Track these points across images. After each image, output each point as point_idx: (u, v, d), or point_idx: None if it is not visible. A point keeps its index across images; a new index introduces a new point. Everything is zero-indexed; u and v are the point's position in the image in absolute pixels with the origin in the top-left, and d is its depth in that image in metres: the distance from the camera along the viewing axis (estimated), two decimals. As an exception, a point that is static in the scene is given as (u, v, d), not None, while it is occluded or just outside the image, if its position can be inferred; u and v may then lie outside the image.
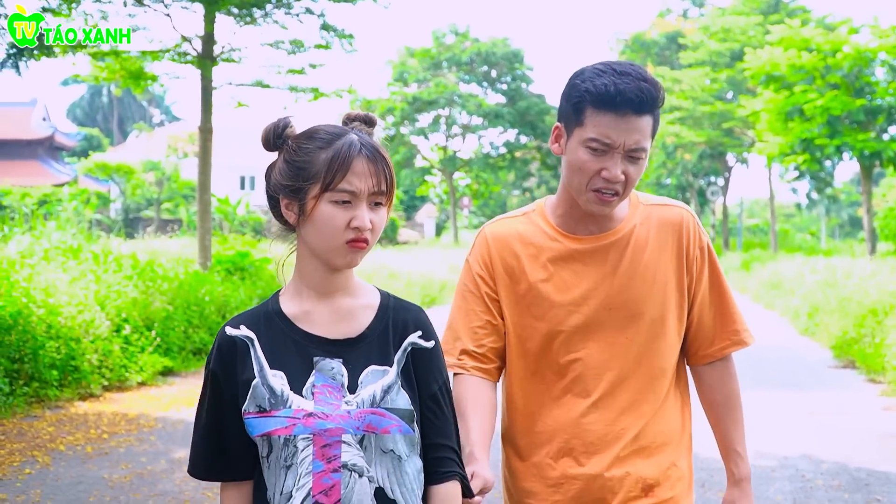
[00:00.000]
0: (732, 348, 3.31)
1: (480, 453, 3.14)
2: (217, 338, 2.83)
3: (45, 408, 11.76)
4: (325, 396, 2.69)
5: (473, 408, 3.22)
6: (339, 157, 2.68)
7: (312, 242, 2.74)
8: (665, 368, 3.23)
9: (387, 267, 29.99)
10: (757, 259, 39.65)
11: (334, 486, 2.65)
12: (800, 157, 30.57)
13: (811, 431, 10.99)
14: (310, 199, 2.70)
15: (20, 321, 12.13)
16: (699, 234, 3.27)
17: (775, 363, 16.45)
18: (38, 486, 8.44)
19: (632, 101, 2.97)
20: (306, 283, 2.81)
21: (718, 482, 8.50)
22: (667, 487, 3.23)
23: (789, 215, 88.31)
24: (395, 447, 2.72)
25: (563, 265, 3.24)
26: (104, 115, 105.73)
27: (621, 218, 3.23)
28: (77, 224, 25.00)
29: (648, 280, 3.20)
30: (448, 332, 3.36)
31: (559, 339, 3.22)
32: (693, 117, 50.49)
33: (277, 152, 2.81)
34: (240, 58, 21.20)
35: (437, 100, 59.49)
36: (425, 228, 76.49)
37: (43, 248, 17.15)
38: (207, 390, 2.82)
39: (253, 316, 2.83)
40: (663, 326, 3.21)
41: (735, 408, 3.34)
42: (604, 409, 3.20)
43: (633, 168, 3.06)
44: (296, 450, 2.66)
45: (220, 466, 2.82)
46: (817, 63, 27.07)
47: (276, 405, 2.68)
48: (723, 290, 3.33)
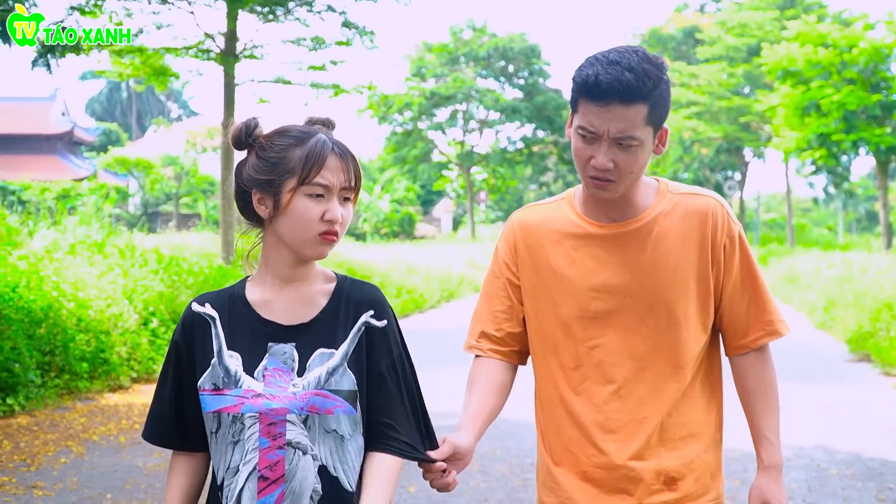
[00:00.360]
0: (767, 339, 3.27)
1: (466, 423, 3.24)
2: (184, 312, 2.99)
3: (76, 399, 12.04)
4: (274, 379, 2.83)
5: (478, 386, 3.34)
6: (314, 153, 2.82)
7: (286, 234, 2.86)
8: (687, 359, 3.19)
9: (405, 262, 30.15)
10: (774, 253, 39.67)
11: (279, 462, 2.80)
12: (816, 151, 30.69)
13: (826, 423, 11.23)
14: (285, 192, 2.82)
15: (51, 314, 12.42)
16: (728, 224, 3.21)
17: (791, 356, 16.63)
18: (75, 475, 8.70)
19: (608, 93, 2.96)
20: (272, 272, 2.93)
21: (751, 480, 8.74)
22: (691, 481, 3.22)
23: (806, 210, 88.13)
24: (337, 427, 2.85)
25: (585, 252, 3.25)
26: (122, 110, 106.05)
27: (646, 206, 3.22)
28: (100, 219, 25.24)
29: (670, 269, 3.18)
30: (473, 315, 3.45)
31: (580, 326, 3.23)
32: (710, 112, 50.53)
33: (247, 150, 2.94)
34: (262, 55, 21.44)
35: (454, 95, 59.61)
36: (442, 223, 76.56)
37: (69, 243, 17.43)
38: (171, 360, 2.96)
39: (219, 297, 2.99)
40: (685, 316, 3.18)
41: (767, 395, 3.30)
42: (625, 398, 3.20)
43: (623, 156, 3.04)
44: (243, 427, 2.81)
45: (176, 435, 2.97)
46: (833, 58, 27.17)
47: (228, 384, 2.83)
48: (756, 280, 3.28)
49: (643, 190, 3.22)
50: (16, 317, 11.82)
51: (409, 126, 61.20)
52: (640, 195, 3.21)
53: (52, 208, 32.93)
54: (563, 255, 3.27)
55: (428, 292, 27.35)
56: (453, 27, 62.42)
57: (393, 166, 64.06)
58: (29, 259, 14.13)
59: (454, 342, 16.82)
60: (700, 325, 3.22)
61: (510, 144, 63.79)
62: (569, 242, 3.27)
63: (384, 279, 25.52)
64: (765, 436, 3.29)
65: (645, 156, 3.07)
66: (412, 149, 61.35)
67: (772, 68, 29.76)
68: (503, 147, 63.57)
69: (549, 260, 3.29)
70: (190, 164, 59.46)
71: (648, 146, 3.07)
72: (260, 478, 2.80)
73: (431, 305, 26.92)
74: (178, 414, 2.95)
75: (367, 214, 60.00)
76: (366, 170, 73.51)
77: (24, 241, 17.32)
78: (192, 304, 2.97)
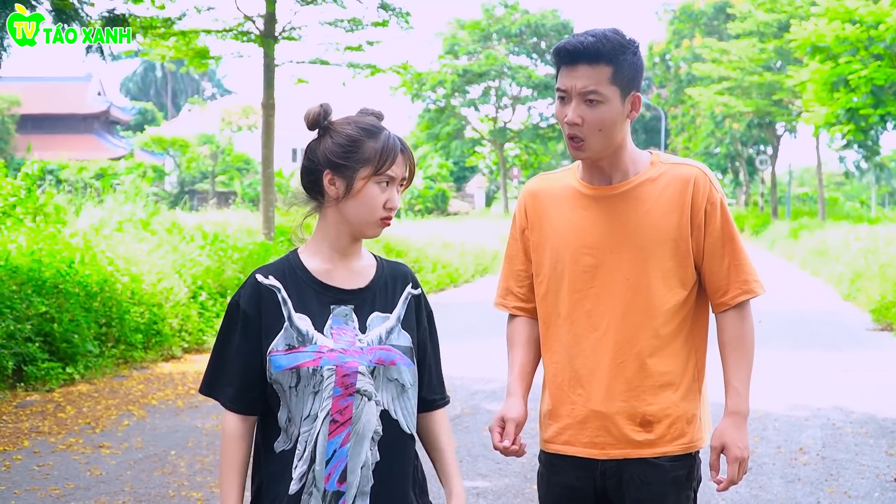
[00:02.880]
0: (743, 297, 3.55)
1: (514, 387, 3.69)
2: (249, 282, 3.24)
3: (131, 368, 12.64)
4: (342, 336, 3.17)
5: (516, 345, 3.78)
6: (389, 147, 3.17)
7: (352, 215, 3.20)
8: (663, 311, 3.52)
9: (441, 237, 30.39)
10: (805, 227, 39.64)
11: (347, 407, 3.12)
12: (845, 126, 30.87)
13: (844, 386, 11.73)
14: (359, 178, 3.16)
15: (106, 288, 13.04)
16: (710, 190, 3.53)
17: (816, 326, 17.11)
18: (138, 435, 9.29)
19: (572, 53, 3.41)
20: (329, 244, 3.26)
21: (770, 438, 9.31)
22: (665, 425, 3.53)
23: (839, 184, 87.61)
24: (399, 377, 3.21)
25: (579, 211, 3.60)
26: (157, 90, 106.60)
27: (636, 172, 3.56)
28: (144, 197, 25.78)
29: (651, 229, 3.51)
30: (499, 275, 3.88)
31: (572, 278, 3.58)
32: (741, 87, 50.49)
33: (318, 132, 3.25)
34: (300, 36, 21.74)
35: (487, 72, 59.77)
36: (475, 199, 76.68)
37: (116, 221, 18.06)
38: (237, 328, 3.22)
39: (279, 268, 3.25)
40: (662, 272, 3.51)
41: (741, 348, 3.57)
42: (607, 343, 3.53)
43: (590, 112, 3.42)
44: (322, 378, 3.11)
45: (246, 398, 3.21)
46: (861, 35, 27.29)
47: (303, 342, 3.14)
48: (735, 243, 3.56)
49: (635, 159, 3.58)
50: (73, 290, 12.42)
51: (442, 103, 61.38)
52: (631, 163, 3.57)
53: (98, 187, 33.41)
54: (561, 215, 3.64)
55: (462, 267, 27.64)
56: (485, 4, 62.28)
57: (426, 143, 64.18)
58: (85, 236, 14.78)
59: (488, 315, 17.33)
60: (677, 281, 3.55)
61: (542, 120, 63.84)
62: (567, 203, 3.64)
63: (420, 254, 25.83)
64: (732, 385, 3.56)
65: (612, 114, 3.43)
66: (445, 126, 61.51)
67: (801, 44, 29.89)
68: (535, 123, 63.65)
69: (551, 219, 3.66)
70: (225, 143, 59.71)
71: (615, 106, 3.44)
72: (331, 421, 3.10)
73: (466, 280, 27.25)
74: (248, 377, 3.20)
75: (401, 191, 60.22)
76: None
77: (71, 220, 17.91)
78: (256, 275, 3.23)
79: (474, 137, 65.13)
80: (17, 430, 9.42)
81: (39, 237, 13.93)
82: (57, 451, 8.78)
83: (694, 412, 3.59)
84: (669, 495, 3.55)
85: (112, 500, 7.39)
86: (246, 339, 3.20)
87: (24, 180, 17.64)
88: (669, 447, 3.54)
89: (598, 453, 3.57)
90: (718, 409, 3.64)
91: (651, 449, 3.54)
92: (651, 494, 3.53)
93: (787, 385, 11.64)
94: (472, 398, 10.70)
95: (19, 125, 60.57)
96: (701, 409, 3.64)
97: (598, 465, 3.58)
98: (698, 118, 61.91)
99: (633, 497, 3.55)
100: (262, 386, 3.19)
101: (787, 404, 10.61)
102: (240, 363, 3.21)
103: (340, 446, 3.12)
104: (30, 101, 63.30)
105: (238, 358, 3.21)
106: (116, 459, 8.52)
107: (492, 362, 12.15)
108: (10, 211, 16.27)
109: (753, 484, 7.69)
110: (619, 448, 3.55)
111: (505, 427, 3.60)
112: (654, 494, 3.53)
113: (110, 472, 8.16)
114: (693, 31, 63.44)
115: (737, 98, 50.76)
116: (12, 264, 12.38)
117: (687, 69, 61.89)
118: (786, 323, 17.21)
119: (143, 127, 75.69)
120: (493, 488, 7.66)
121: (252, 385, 3.19)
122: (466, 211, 66.19)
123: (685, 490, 3.59)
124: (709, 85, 52.45)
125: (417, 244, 27.12)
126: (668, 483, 3.55)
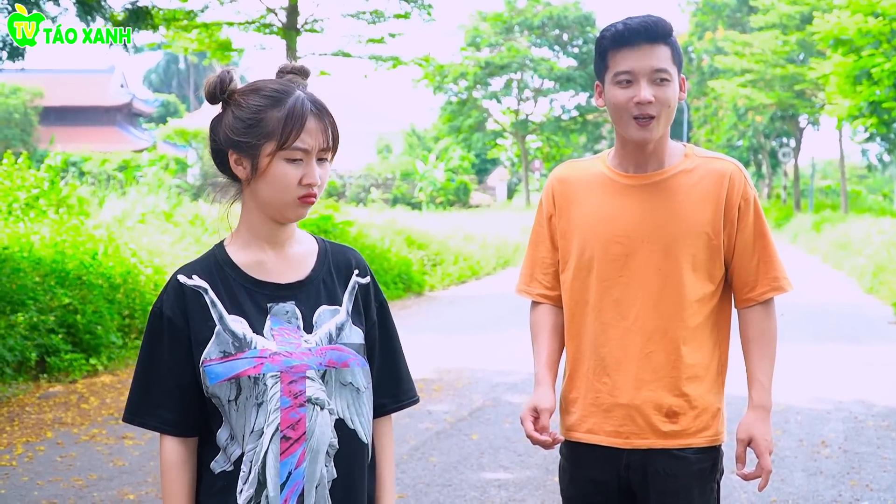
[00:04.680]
0: (772, 293, 3.56)
1: (542, 376, 3.65)
2: (170, 285, 2.85)
3: (154, 359, 12.68)
4: (284, 337, 2.79)
5: (541, 334, 3.75)
6: (294, 116, 2.73)
7: (265, 198, 2.79)
8: (691, 302, 3.51)
9: (462, 229, 30.40)
10: (827, 220, 39.48)
11: (300, 420, 2.75)
12: (868, 119, 30.78)
13: (866, 380, 11.69)
14: (264, 156, 2.74)
15: (129, 280, 13.12)
16: (745, 187, 3.52)
17: (838, 319, 17.06)
18: (161, 426, 9.33)
19: (637, 32, 3.40)
20: (255, 234, 2.87)
21: (792, 431, 9.30)
22: (691, 417, 3.52)
23: (862, 177, 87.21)
24: (353, 380, 2.85)
25: (610, 199, 3.58)
26: (179, 82, 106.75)
27: (670, 163, 3.56)
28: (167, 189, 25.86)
29: (684, 221, 3.50)
30: (523, 262, 3.84)
31: (602, 266, 3.55)
32: (764, 80, 50.37)
33: (222, 106, 2.84)
34: (322, 28, 21.82)
35: (509, 64, 59.71)
36: (497, 192, 76.58)
37: (139, 213, 18.14)
38: (163, 337, 2.83)
39: (203, 266, 2.87)
40: (693, 265, 3.50)
41: (765, 344, 3.59)
42: (636, 333, 3.52)
43: (661, 91, 3.42)
44: (265, 387, 2.73)
45: (182, 420, 2.81)
46: (884, 28, 27.19)
47: (241, 348, 2.75)
48: (766, 240, 3.56)
49: (670, 149, 3.58)
50: (96, 282, 12.51)
51: (463, 95, 61.36)
52: (666, 153, 3.57)
53: (121, 179, 33.55)
54: (591, 202, 3.61)
55: (484, 259, 27.62)
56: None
57: (448, 135, 64.16)
58: (109, 227, 14.86)
59: (510, 307, 17.38)
60: (706, 274, 3.54)
61: (564, 113, 63.79)
62: (597, 191, 3.61)
63: (441, 247, 25.82)
64: (758, 379, 3.57)
65: (676, 93, 3.47)
66: (467, 118, 61.46)
67: (823, 37, 29.81)
68: (557, 115, 63.57)
69: (580, 205, 3.63)
70: (247, 135, 59.78)
71: (676, 86, 3.47)
72: (282, 438, 2.75)
73: (487, 273, 27.24)
74: (183, 394, 2.82)
75: (423, 183, 60.24)
76: (421, 139, 73.82)
77: (95, 212, 18.00)
78: (178, 276, 2.85)
79: (496, 130, 65.06)
80: (41, 422, 9.47)
81: (63, 229, 14.02)
82: (80, 441, 8.84)
83: (718, 405, 3.59)
84: (694, 488, 3.54)
85: (135, 491, 7.43)
86: (175, 351, 2.81)
87: (47, 172, 17.75)
88: (694, 439, 3.54)
89: (622, 443, 3.56)
90: (740, 402, 3.63)
91: (676, 440, 3.53)
92: (676, 486, 3.53)
93: (809, 378, 11.62)
94: (493, 390, 10.70)
95: (42, 117, 60.72)
96: (723, 402, 3.64)
97: (623, 456, 3.56)
98: (721, 110, 61.74)
99: (659, 490, 3.54)
100: (201, 402, 2.82)
101: (809, 397, 10.59)
102: (171, 380, 2.81)
103: (296, 467, 2.77)
104: (53, 93, 63.48)
105: (169, 374, 2.81)
106: (139, 450, 8.56)
107: (513, 355, 12.22)
108: (33, 203, 16.37)
109: (775, 477, 7.68)
110: (644, 438, 3.54)
111: (540, 417, 3.56)
112: (679, 487, 3.53)
113: (133, 462, 8.20)
114: (716, 23, 63.23)
115: (759, 90, 50.63)
116: (36, 256, 12.45)
117: (709, 61, 61.72)
118: (808, 316, 17.16)
119: (166, 119, 75.64)
120: (514, 480, 7.68)
121: (190, 402, 2.81)
122: (488, 203, 66.11)
123: (710, 482, 3.58)
124: (731, 77, 52.32)
125: (439, 237, 27.10)
126: (693, 475, 3.54)
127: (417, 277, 22.23)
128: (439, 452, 8.56)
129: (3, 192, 16.16)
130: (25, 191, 16.49)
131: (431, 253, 24.71)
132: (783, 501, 7.25)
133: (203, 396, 2.81)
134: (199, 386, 2.80)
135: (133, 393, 2.87)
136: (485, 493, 7.43)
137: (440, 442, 8.90)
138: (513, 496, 7.36)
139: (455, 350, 13.37)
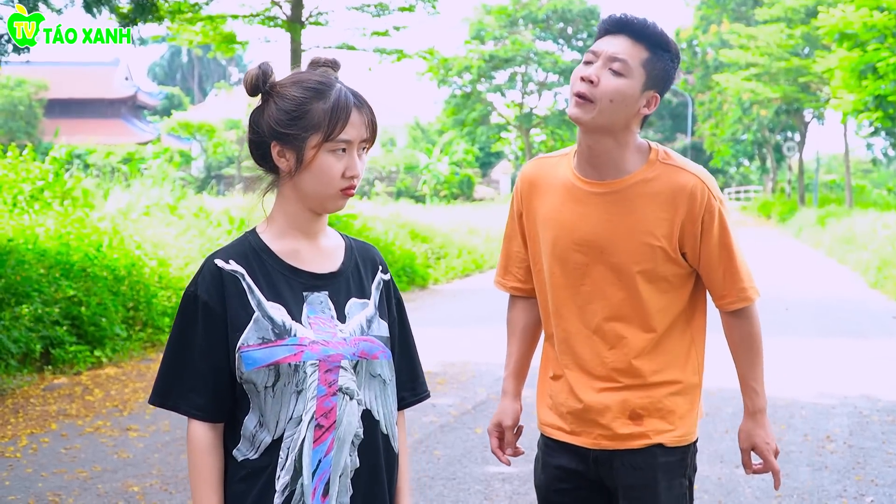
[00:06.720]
0: (739, 304, 3.51)
1: (508, 386, 3.78)
2: (206, 268, 2.85)
3: (158, 352, 12.65)
4: (321, 326, 2.82)
5: (513, 335, 3.83)
6: (339, 107, 2.77)
7: (307, 189, 2.81)
8: (653, 312, 3.48)
9: (466, 222, 30.41)
10: (832, 215, 39.41)
11: (332, 409, 2.78)
12: (873, 113, 30.75)
13: (871, 374, 11.67)
14: (309, 148, 2.77)
15: (133, 272, 13.13)
16: (709, 199, 3.41)
17: (844, 314, 17.00)
18: (166, 418, 9.31)
19: (622, 22, 3.35)
20: (291, 223, 2.89)
21: (797, 426, 9.30)
22: (656, 419, 3.51)
23: (867, 171, 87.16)
24: (381, 372, 2.90)
25: (570, 205, 3.50)
26: (183, 75, 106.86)
27: (631, 171, 3.44)
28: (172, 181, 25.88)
29: (642, 232, 3.43)
30: (500, 255, 3.84)
31: (563, 273, 3.52)
32: (769, 73, 50.30)
33: (262, 98, 2.85)
34: (327, 21, 21.78)
35: (513, 57, 59.55)
36: (501, 185, 76.56)
37: (143, 205, 18.16)
38: (198, 321, 2.82)
39: (239, 251, 2.87)
40: (653, 275, 3.46)
41: (750, 349, 3.57)
42: (599, 341, 3.50)
43: (609, 79, 3.32)
44: (305, 375, 2.75)
45: (213, 406, 2.82)
46: (889, 22, 27.16)
47: (280, 335, 2.76)
48: (730, 251, 3.48)
49: (633, 155, 3.46)
50: (101, 274, 12.53)
51: (468, 89, 61.21)
52: (628, 159, 3.45)
53: (125, 171, 33.57)
54: (553, 207, 3.55)
55: (488, 253, 27.61)
56: (512, -11, 62.32)
57: (452, 129, 64.09)
58: (113, 220, 14.87)
59: (515, 300, 17.35)
60: (667, 284, 3.50)
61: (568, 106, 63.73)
62: (560, 195, 3.54)
63: (445, 240, 25.84)
64: (750, 385, 3.59)
65: (629, 92, 3.34)
66: (471, 111, 61.36)
67: (828, 31, 29.79)
68: (561, 109, 63.33)
69: (544, 210, 3.58)
70: (252, 128, 59.77)
71: (635, 87, 3.34)
72: (316, 426, 2.77)
73: (491, 266, 27.17)
74: (217, 379, 2.82)
75: (427, 177, 60.28)
76: (425, 132, 73.75)
77: (99, 204, 18.02)
78: (215, 260, 2.85)
79: (500, 123, 64.94)
80: (45, 413, 9.48)
81: (67, 221, 14.03)
82: (84, 433, 8.85)
83: (689, 407, 3.57)
84: (661, 480, 3.52)
85: (139, 483, 7.44)
86: (210, 334, 2.81)
87: (51, 164, 17.77)
88: (660, 438, 3.52)
89: (590, 443, 3.57)
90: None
91: (641, 440, 3.52)
92: (643, 479, 3.52)
93: (814, 373, 11.62)
94: (497, 384, 10.67)
95: (47, 109, 60.76)
96: (696, 403, 3.63)
97: (590, 453, 3.58)
98: (725, 104, 61.67)
99: (625, 483, 3.54)
100: (232, 388, 2.82)
101: (813, 392, 10.59)
102: (206, 364, 2.81)
103: (325, 455, 2.79)
104: (57, 85, 63.48)
105: (203, 358, 2.81)
106: (144, 442, 8.58)
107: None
108: (38, 195, 16.37)
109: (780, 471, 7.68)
110: (608, 440, 3.54)
111: (504, 434, 3.73)
112: (645, 479, 3.52)
113: (138, 454, 8.22)
114: (720, 16, 63.10)
115: (764, 84, 50.55)
116: (40, 248, 12.46)
117: (714, 55, 61.64)
118: (812, 311, 17.17)
119: (170, 112, 75.68)
120: (518, 474, 7.67)
121: (222, 388, 2.82)
122: (492, 197, 66.07)
123: (677, 477, 3.56)
124: (736, 71, 52.21)
125: (443, 230, 27.13)
126: (657, 468, 3.52)
127: (421, 271, 22.23)
128: (443, 446, 8.57)
129: (8, 184, 16.16)
130: (30, 183, 16.50)
131: (435, 246, 24.73)
132: (788, 496, 7.25)
133: (235, 383, 2.82)
134: (232, 371, 2.81)
135: (163, 376, 2.86)
136: (489, 487, 7.45)
137: (444, 435, 8.91)
138: (517, 490, 7.37)
139: (459, 343, 13.40)
